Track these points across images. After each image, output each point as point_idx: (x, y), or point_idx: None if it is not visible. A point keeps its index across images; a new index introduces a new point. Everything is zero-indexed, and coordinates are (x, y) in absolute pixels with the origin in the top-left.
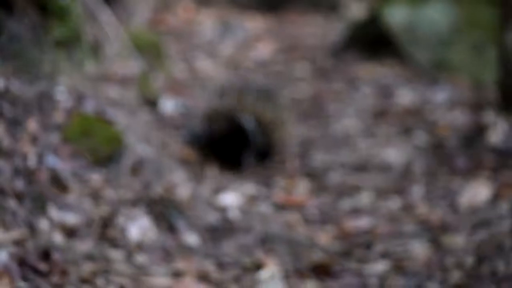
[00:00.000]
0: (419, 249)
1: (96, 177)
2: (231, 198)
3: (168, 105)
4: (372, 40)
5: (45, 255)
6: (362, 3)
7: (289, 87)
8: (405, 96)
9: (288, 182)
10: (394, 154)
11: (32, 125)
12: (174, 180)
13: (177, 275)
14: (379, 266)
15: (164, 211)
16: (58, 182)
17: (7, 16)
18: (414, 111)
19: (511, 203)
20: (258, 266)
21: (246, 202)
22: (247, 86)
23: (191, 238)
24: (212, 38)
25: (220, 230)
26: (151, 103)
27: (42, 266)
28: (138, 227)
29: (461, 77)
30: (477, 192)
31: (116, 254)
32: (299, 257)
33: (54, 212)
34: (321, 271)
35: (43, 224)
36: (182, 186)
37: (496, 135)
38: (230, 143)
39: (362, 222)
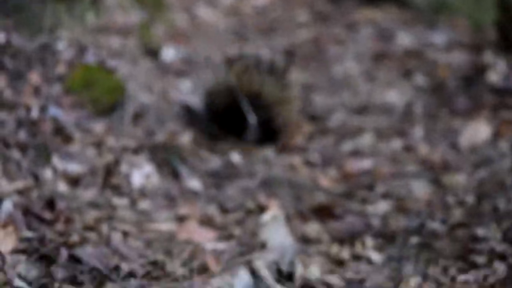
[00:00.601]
0: (421, 189)
1: (98, 127)
2: None
3: (169, 53)
4: None
5: (50, 204)
6: None
7: (289, 32)
8: (405, 39)
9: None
10: (394, 96)
11: (34, 77)
12: (176, 127)
13: (180, 220)
14: (381, 207)
15: (166, 158)
16: (61, 133)
17: None
18: (414, 54)
19: (511, 141)
20: (261, 209)
21: None
22: (253, 61)
23: (194, 184)
24: None
25: (222, 175)
26: (153, 52)
27: (47, 215)
28: (141, 174)
29: (460, 19)
30: (478, 131)
31: (120, 201)
32: (301, 199)
33: (57, 162)
34: (324, 212)
35: (47, 174)
36: (184, 133)
37: (495, 75)
38: (229, 121)
39: (364, 164)
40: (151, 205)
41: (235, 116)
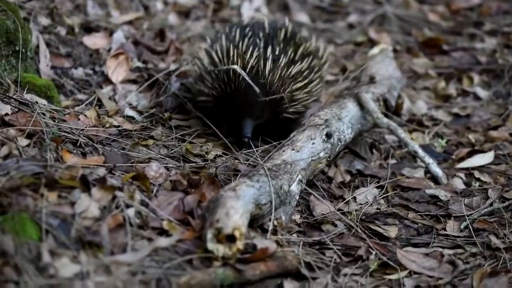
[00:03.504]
0: None
1: None
2: None
3: None
4: None
5: (160, 35)
6: None
7: None
8: None
9: None
10: None
11: None
12: None
13: None
14: (489, 43)
15: None
16: None
17: None
18: None
19: None
20: (370, 43)
21: None
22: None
23: (303, 17)
24: None
25: (332, 11)
26: None
27: (157, 46)
28: (251, 6)
29: None
30: None
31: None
32: (410, 34)
33: None
34: (432, 47)
35: (158, 6)
36: None
37: None
38: None
39: (473, 1)
40: None
41: None
